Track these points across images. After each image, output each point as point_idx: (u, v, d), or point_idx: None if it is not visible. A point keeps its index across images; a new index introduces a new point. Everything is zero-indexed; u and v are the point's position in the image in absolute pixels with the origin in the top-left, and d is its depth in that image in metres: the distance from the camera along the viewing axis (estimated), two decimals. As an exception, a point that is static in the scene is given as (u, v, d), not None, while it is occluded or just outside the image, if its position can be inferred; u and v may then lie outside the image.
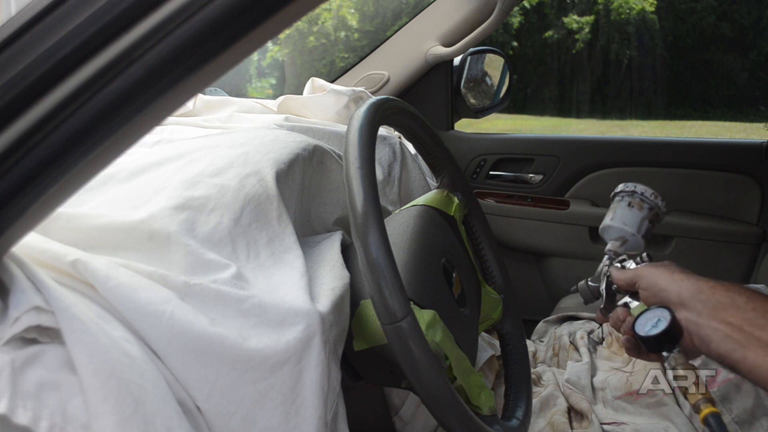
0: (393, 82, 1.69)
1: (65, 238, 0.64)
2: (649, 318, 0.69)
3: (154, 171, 0.80)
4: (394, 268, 0.60)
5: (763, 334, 0.60)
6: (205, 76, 0.45)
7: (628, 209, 0.80)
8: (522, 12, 9.46)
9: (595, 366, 1.13)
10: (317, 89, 1.38)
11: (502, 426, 0.73)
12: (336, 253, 0.78)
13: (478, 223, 0.94)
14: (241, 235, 0.72)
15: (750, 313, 0.61)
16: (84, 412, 0.50)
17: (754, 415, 0.94)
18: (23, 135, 0.45)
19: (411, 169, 1.20)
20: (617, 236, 0.81)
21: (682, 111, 9.31)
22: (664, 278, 0.69)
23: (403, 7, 8.38)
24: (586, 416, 0.99)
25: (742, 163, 1.63)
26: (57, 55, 0.43)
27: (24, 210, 0.47)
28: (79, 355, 0.50)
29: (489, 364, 1.11)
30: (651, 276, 0.70)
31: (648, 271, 0.71)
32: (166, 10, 0.42)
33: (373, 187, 0.62)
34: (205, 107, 1.25)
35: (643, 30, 9.64)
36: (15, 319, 0.49)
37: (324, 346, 0.64)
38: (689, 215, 1.63)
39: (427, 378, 0.59)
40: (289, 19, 0.45)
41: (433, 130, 0.87)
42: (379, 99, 0.73)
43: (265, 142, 0.86)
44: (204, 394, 0.58)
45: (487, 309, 0.87)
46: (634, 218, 0.80)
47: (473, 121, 1.93)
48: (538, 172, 1.76)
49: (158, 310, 0.57)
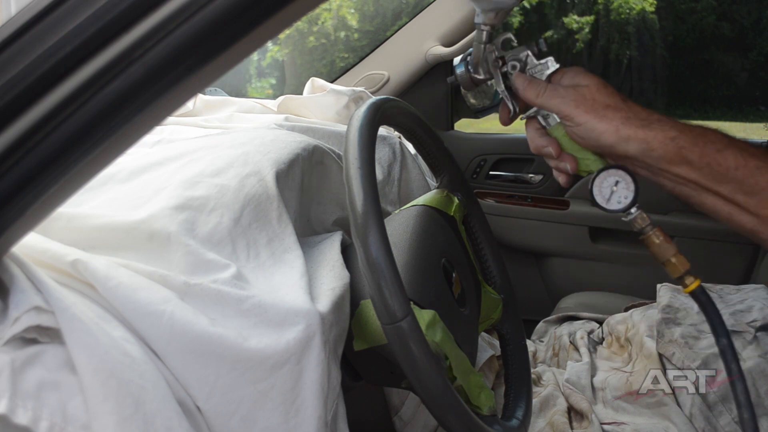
0: (393, 82, 1.69)
1: (65, 238, 0.64)
2: (608, 182, 0.63)
3: (154, 171, 0.80)
4: (394, 268, 0.60)
5: (720, 188, 0.59)
6: (205, 76, 0.45)
7: None
8: (522, 12, 9.45)
9: (595, 366, 1.13)
10: (317, 89, 1.38)
11: (502, 426, 0.73)
12: (336, 253, 0.78)
13: (478, 223, 0.94)
14: (241, 235, 0.72)
15: (705, 169, 0.59)
16: (84, 412, 0.50)
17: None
18: (23, 135, 0.45)
19: (411, 169, 1.20)
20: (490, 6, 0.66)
21: (682, 111, 9.30)
22: (608, 134, 0.61)
23: (403, 7, 8.37)
24: (586, 416, 0.99)
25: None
26: (57, 55, 0.43)
27: (24, 210, 0.47)
28: (79, 355, 0.50)
29: (489, 364, 1.11)
30: (591, 123, 0.62)
31: (586, 117, 0.62)
32: (166, 10, 0.42)
33: (373, 187, 0.62)
34: (205, 107, 1.25)
35: (643, 30, 9.63)
36: (15, 319, 0.49)
37: (324, 346, 0.64)
38: (689, 215, 1.63)
39: (427, 378, 0.59)
40: (289, 19, 0.45)
41: (433, 130, 0.87)
42: (379, 99, 0.73)
43: (265, 142, 0.86)
44: (204, 394, 0.58)
45: (487, 309, 0.87)
46: None
47: (473, 121, 1.93)
48: (538, 172, 1.76)
49: (158, 310, 0.57)
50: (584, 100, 0.62)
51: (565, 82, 0.65)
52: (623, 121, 0.61)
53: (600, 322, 1.29)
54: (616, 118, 0.61)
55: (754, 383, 0.94)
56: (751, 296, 1.27)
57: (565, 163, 0.66)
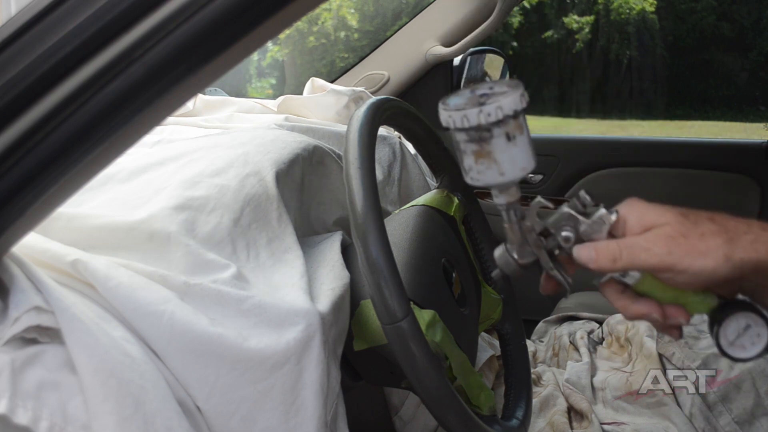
0: (393, 82, 1.69)
1: (65, 238, 0.64)
2: (737, 325, 0.51)
3: (154, 171, 0.80)
4: (394, 268, 0.60)
5: None
6: (205, 76, 0.45)
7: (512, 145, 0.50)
8: (522, 12, 9.46)
9: (595, 366, 1.13)
10: (317, 89, 1.38)
11: (502, 426, 0.73)
12: (336, 253, 0.78)
13: (478, 223, 0.94)
14: (241, 235, 0.72)
15: None
16: (84, 412, 0.50)
17: (753, 415, 0.94)
18: (23, 135, 0.45)
19: (411, 169, 1.20)
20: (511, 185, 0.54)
21: (682, 111, 9.31)
22: (719, 267, 0.49)
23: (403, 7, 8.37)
24: (586, 416, 0.99)
25: (742, 163, 1.63)
26: (57, 55, 0.43)
27: (24, 210, 0.47)
28: (79, 355, 0.50)
29: (489, 364, 1.11)
30: (696, 265, 0.49)
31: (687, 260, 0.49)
32: (166, 10, 0.43)
33: (373, 187, 0.62)
34: (205, 107, 1.25)
35: (643, 30, 9.64)
36: (15, 319, 0.49)
37: (324, 346, 0.64)
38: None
39: (427, 378, 0.60)
40: (289, 19, 0.45)
41: (434, 130, 0.87)
42: (379, 99, 0.74)
43: (265, 142, 0.86)
44: (204, 394, 0.58)
45: (487, 309, 0.87)
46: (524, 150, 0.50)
47: (473, 121, 1.92)
48: (538, 172, 1.76)
49: (158, 310, 0.57)
50: (674, 241, 0.50)
51: (634, 227, 0.52)
52: (727, 244, 0.50)
53: (600, 322, 1.29)
54: (720, 246, 0.49)
55: (754, 383, 0.94)
56: (751, 296, 1.26)
57: (677, 317, 0.53)
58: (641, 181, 1.72)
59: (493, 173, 0.51)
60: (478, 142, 0.50)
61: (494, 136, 0.49)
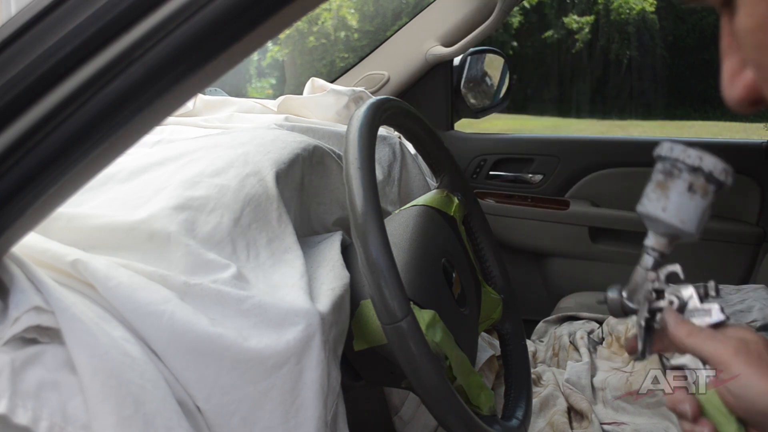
0: (393, 82, 1.69)
1: (65, 238, 0.64)
2: None
3: (154, 171, 0.80)
4: (394, 268, 0.60)
5: None
6: (205, 76, 0.45)
7: (689, 196, 0.53)
8: (522, 12, 9.46)
9: (595, 366, 1.13)
10: (317, 89, 1.38)
11: (502, 426, 0.73)
12: (336, 253, 0.78)
13: (478, 223, 0.94)
14: (241, 235, 0.72)
15: None
16: (84, 412, 0.50)
17: (754, 415, 0.94)
18: (23, 135, 0.45)
19: (411, 169, 1.20)
20: (666, 231, 0.56)
21: (682, 111, 9.31)
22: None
23: (403, 7, 8.37)
24: (586, 416, 0.99)
25: (742, 163, 1.62)
26: (57, 55, 0.43)
27: (24, 210, 0.47)
28: (79, 355, 0.50)
29: (489, 364, 1.11)
30: (751, 379, 0.51)
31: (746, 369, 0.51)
32: (166, 10, 0.43)
33: (373, 187, 0.62)
34: (205, 107, 1.25)
35: (643, 30, 9.64)
36: (15, 319, 0.49)
37: (324, 346, 0.64)
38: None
39: (427, 378, 0.60)
40: (289, 19, 0.45)
41: (433, 130, 0.87)
42: (379, 99, 0.74)
43: (265, 142, 0.86)
44: (204, 394, 0.58)
45: (487, 309, 0.87)
46: (695, 210, 0.53)
47: (473, 121, 1.93)
48: (538, 172, 1.76)
49: (158, 310, 0.57)
50: (747, 352, 0.52)
51: (728, 334, 0.54)
52: None
53: (600, 322, 1.29)
54: None
55: (754, 383, 0.94)
56: (751, 296, 1.27)
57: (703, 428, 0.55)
58: (641, 181, 1.72)
59: (657, 205, 0.54)
60: (666, 174, 0.54)
61: (680, 178, 0.53)
